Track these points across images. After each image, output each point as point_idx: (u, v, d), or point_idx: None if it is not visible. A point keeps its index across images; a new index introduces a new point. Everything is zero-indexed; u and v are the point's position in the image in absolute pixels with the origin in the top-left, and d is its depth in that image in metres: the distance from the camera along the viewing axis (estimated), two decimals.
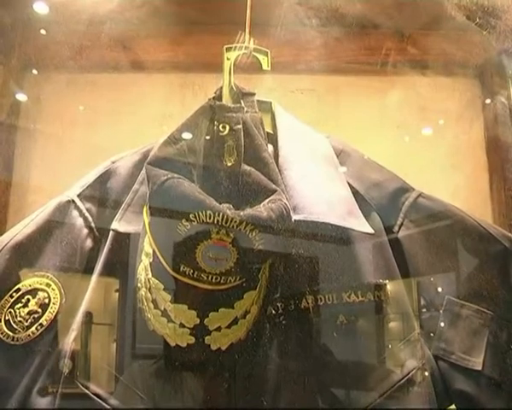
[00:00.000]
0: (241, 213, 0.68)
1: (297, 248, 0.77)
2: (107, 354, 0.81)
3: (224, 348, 0.74)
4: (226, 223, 0.67)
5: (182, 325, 0.73)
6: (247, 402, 0.76)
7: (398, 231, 0.82)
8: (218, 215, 0.67)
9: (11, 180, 1.26)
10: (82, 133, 1.27)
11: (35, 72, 1.26)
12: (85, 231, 0.81)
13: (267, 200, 0.72)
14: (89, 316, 0.78)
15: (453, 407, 0.80)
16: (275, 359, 0.77)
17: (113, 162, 0.85)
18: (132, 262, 0.77)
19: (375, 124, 1.19)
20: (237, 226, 0.67)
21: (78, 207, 0.81)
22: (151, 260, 0.74)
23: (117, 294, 0.81)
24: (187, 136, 0.78)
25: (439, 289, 0.80)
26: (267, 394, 0.76)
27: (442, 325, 0.80)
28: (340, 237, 0.78)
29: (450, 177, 1.15)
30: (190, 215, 0.67)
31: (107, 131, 1.27)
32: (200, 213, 0.67)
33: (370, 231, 0.77)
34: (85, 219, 0.81)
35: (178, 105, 1.22)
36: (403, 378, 0.78)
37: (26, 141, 1.28)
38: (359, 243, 0.80)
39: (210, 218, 0.67)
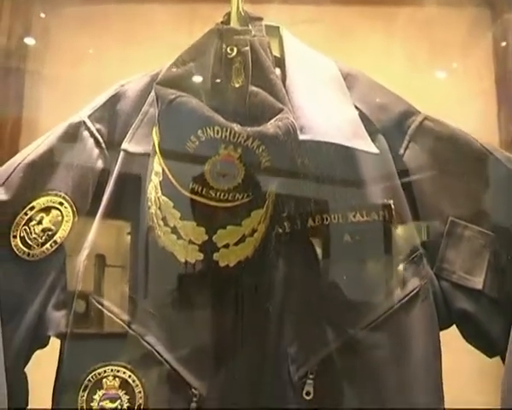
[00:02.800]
0: (249, 129, 0.69)
1: (303, 167, 0.78)
2: (119, 275, 0.83)
3: (231, 265, 0.76)
4: (234, 138, 0.68)
5: (191, 242, 0.75)
6: (253, 315, 0.78)
7: (403, 154, 0.83)
8: (226, 131, 0.68)
9: (21, 122, 1.27)
10: (91, 69, 1.27)
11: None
12: (96, 151, 0.83)
13: (274, 118, 0.72)
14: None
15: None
16: (281, 275, 0.79)
17: (123, 85, 0.86)
18: (142, 182, 0.79)
19: (383, 55, 1.18)
20: (244, 142, 0.68)
21: (88, 128, 0.83)
22: (161, 178, 0.76)
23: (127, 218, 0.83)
24: (195, 58, 0.78)
25: (443, 211, 0.81)
26: (274, 307, 0.79)
27: (445, 245, 0.81)
28: (346, 157, 0.79)
29: (457, 108, 1.15)
30: (198, 132, 0.69)
31: (116, 66, 1.27)
32: (208, 129, 0.68)
33: (376, 151, 0.78)
34: (96, 139, 0.83)
35: (187, 36, 1.21)
36: (405, 297, 0.80)
37: (35, 82, 1.28)
38: (365, 163, 0.81)
39: (218, 133, 0.68)
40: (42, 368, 0.84)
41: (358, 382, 0.79)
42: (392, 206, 0.80)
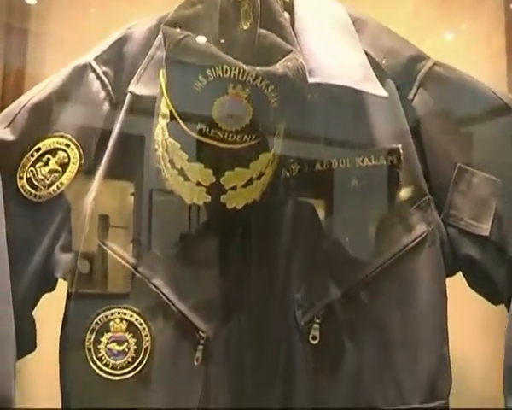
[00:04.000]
0: (258, 69, 0.68)
1: (311, 110, 0.78)
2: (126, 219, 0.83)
3: (239, 208, 0.76)
4: (242, 77, 0.67)
5: (198, 184, 0.75)
6: (260, 259, 0.78)
7: (412, 99, 0.82)
8: (235, 69, 0.67)
9: (24, 80, 1.26)
10: (93, 28, 1.25)
11: None
12: (102, 94, 0.82)
13: (283, 59, 0.72)
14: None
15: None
16: (288, 219, 0.79)
17: (129, 28, 0.85)
18: (149, 125, 0.78)
19: (389, 13, 1.16)
20: (253, 81, 0.67)
21: (94, 71, 0.82)
22: (168, 120, 0.75)
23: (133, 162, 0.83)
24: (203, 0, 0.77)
25: (451, 157, 0.81)
26: (281, 251, 0.79)
27: (452, 192, 0.81)
28: (355, 101, 0.79)
29: (466, 58, 1.13)
30: (207, 71, 0.68)
31: (119, 25, 1.25)
32: (217, 68, 0.68)
33: (385, 94, 0.77)
34: (102, 82, 0.82)
35: None
36: (412, 242, 0.80)
37: (38, 42, 1.26)
38: (373, 107, 0.80)
39: (226, 72, 0.67)
40: (49, 312, 0.83)
41: (365, 327, 0.80)
42: (401, 151, 0.79)
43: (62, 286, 0.83)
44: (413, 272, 0.80)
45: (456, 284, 0.83)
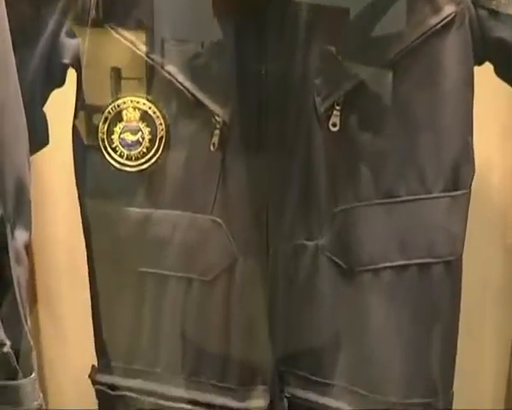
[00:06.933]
0: None
1: None
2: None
3: None
4: None
5: None
6: (279, 41, 0.75)
7: None
8: None
9: None
10: None
11: None
12: None
13: None
14: None
15: None
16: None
17: None
18: None
19: None
20: None
21: None
22: None
23: None
24: None
25: None
26: (300, 34, 0.74)
27: None
28: None
29: None
30: None
31: None
32: None
33: None
34: None
35: None
36: (440, 22, 0.75)
37: None
38: None
39: None
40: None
41: (387, 113, 0.77)
42: None
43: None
44: (440, 55, 0.75)
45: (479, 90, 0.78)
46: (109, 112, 0.77)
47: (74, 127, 0.80)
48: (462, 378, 0.85)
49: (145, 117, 0.77)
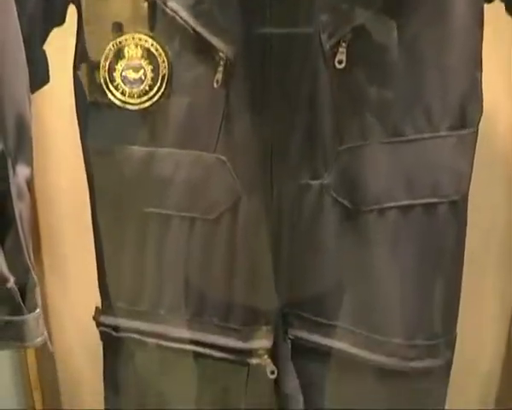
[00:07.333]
0: None
1: None
2: None
3: None
4: None
5: None
6: None
7: None
8: None
9: None
10: None
11: None
12: None
13: None
14: None
15: None
16: None
17: None
18: None
19: None
20: None
21: None
22: None
23: None
24: None
25: None
26: None
27: None
28: None
29: None
30: None
31: None
32: None
33: None
34: None
35: None
36: None
37: None
38: None
39: None
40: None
41: (394, 50, 0.75)
42: None
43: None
44: None
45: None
46: (110, 49, 0.76)
47: (75, 65, 0.79)
48: (463, 321, 0.84)
49: (147, 54, 0.75)
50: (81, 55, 0.78)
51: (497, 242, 1.11)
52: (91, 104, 0.79)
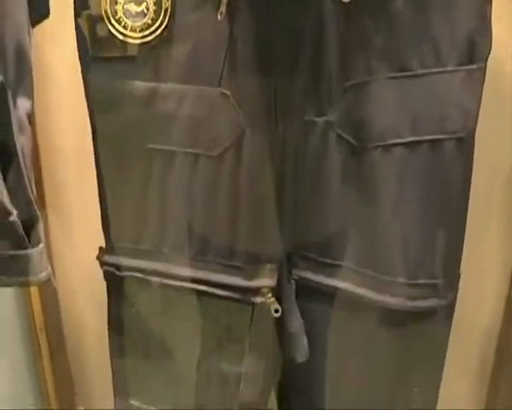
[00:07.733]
0: None
1: None
2: None
3: None
4: None
5: None
6: None
7: None
8: None
9: None
10: None
11: None
12: None
13: None
14: None
15: None
16: None
17: None
18: None
19: None
20: None
21: None
22: None
23: None
24: None
25: None
26: None
27: None
28: None
29: None
30: None
31: None
32: None
33: None
34: None
35: None
36: None
37: None
38: None
39: None
40: None
41: None
42: None
43: None
44: None
45: None
46: None
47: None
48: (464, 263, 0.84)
49: None
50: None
51: (503, 180, 1.10)
52: (92, 36, 0.77)
